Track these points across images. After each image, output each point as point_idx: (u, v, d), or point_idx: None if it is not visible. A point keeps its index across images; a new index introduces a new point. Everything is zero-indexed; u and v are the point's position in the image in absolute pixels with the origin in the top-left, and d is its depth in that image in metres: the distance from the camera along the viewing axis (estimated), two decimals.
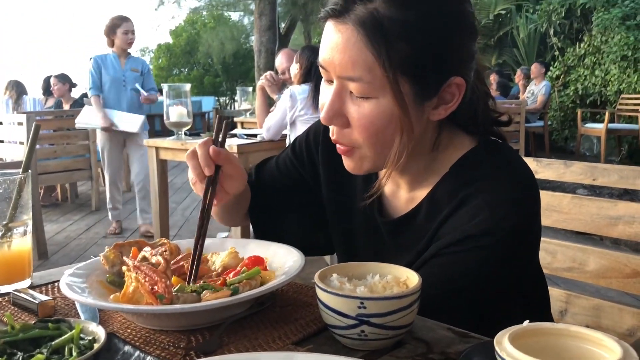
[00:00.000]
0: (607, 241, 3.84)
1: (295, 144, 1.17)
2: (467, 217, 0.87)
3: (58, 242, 4.86)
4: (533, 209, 0.91)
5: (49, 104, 7.38)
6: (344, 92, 0.86)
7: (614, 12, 8.93)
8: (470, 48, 0.89)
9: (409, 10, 0.80)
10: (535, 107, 8.76)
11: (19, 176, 0.96)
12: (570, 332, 0.57)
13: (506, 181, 0.89)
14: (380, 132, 0.85)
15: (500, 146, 0.97)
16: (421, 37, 0.81)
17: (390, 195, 1.02)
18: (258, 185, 1.16)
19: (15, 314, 0.86)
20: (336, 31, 0.83)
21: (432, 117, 0.89)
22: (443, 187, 0.93)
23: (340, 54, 0.83)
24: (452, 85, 0.86)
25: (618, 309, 1.23)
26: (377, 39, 0.80)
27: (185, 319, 0.77)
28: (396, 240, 0.99)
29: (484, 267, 0.86)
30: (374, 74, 0.82)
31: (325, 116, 0.88)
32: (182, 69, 22.64)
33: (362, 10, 0.81)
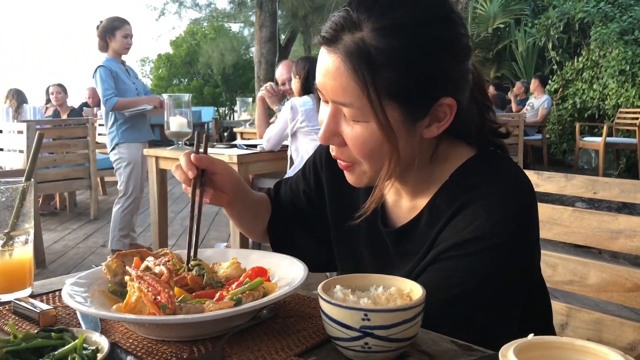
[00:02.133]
0: (606, 254, 3.84)
1: (305, 167, 1.22)
2: (464, 222, 0.88)
3: (56, 250, 4.84)
4: (530, 216, 0.91)
5: (48, 113, 7.40)
6: (338, 114, 0.90)
7: (612, 27, 9.00)
8: (461, 67, 0.90)
9: (395, 38, 0.83)
10: (537, 120, 8.79)
11: (21, 184, 0.96)
12: (575, 346, 0.57)
13: (504, 188, 0.90)
14: (373, 151, 0.89)
15: (499, 156, 0.98)
16: (407, 64, 0.83)
17: (392, 205, 1.04)
18: (276, 203, 1.22)
19: (16, 323, 0.85)
20: (327, 58, 0.87)
21: (425, 135, 0.91)
22: (443, 194, 0.94)
23: (331, 80, 0.87)
24: (444, 106, 0.88)
25: (619, 323, 1.23)
26: (362, 69, 0.83)
27: (188, 329, 0.77)
28: (400, 249, 1.00)
29: (483, 271, 0.87)
30: (362, 101, 0.85)
31: (323, 136, 0.92)
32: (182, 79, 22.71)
33: (349, 40, 0.84)
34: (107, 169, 6.42)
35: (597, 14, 9.40)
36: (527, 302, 0.97)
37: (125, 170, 4.25)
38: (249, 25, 18.33)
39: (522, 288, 0.93)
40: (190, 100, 3.72)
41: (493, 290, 0.88)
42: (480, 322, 0.87)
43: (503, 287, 0.88)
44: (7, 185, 0.96)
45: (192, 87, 21.21)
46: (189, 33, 22.54)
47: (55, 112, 7.33)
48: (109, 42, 4.19)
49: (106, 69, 4.12)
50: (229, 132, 12.93)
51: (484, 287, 0.87)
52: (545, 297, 1.07)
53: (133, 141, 4.24)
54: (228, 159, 3.34)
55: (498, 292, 0.88)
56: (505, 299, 0.89)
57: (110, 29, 4.18)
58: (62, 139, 5.54)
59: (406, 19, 0.83)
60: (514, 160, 0.99)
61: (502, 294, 0.89)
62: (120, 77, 4.21)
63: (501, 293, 0.89)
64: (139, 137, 4.29)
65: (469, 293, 0.87)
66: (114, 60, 4.21)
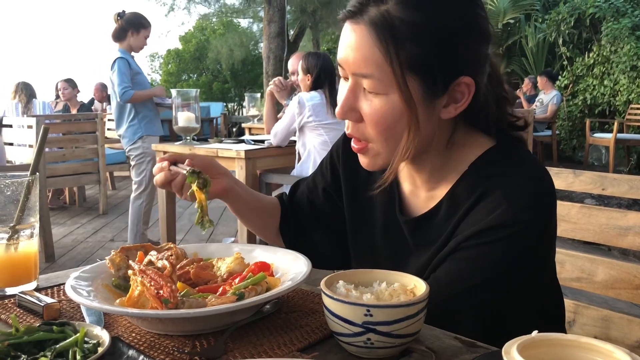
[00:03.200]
0: (615, 251, 3.81)
1: (322, 163, 1.23)
2: (485, 211, 0.88)
3: (65, 245, 4.87)
4: (549, 206, 0.92)
5: (58, 108, 7.44)
6: (357, 89, 0.91)
7: (623, 22, 8.91)
8: (481, 50, 0.91)
9: (419, 11, 0.84)
10: (546, 116, 8.73)
11: (27, 178, 0.96)
12: (580, 344, 0.56)
13: (525, 177, 0.90)
14: (391, 127, 0.89)
15: (519, 147, 0.99)
16: (429, 37, 0.85)
17: (409, 195, 1.04)
18: (290, 204, 1.23)
19: (20, 316, 0.86)
20: (351, 31, 0.88)
21: (443, 115, 0.91)
22: (463, 184, 0.95)
23: (354, 52, 0.88)
24: (462, 85, 0.89)
25: (627, 320, 1.22)
26: (386, 39, 0.84)
27: (190, 323, 0.77)
28: (417, 239, 1.00)
29: (504, 260, 0.87)
30: (384, 72, 0.86)
31: (340, 111, 0.92)
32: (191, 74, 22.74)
33: (374, 12, 0.85)
34: (116, 164, 6.46)
35: (608, 9, 9.31)
36: (543, 299, 0.96)
37: (149, 164, 4.20)
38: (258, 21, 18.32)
39: (539, 282, 0.92)
40: (198, 96, 3.72)
41: (512, 280, 0.88)
42: (497, 314, 0.88)
43: (522, 277, 0.89)
44: (13, 179, 0.96)
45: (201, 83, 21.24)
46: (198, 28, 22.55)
47: (65, 107, 7.37)
48: (130, 36, 4.12)
49: (125, 62, 4.08)
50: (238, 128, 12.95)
51: (505, 275, 0.87)
52: (559, 297, 1.07)
53: (155, 134, 4.22)
54: (236, 154, 3.34)
55: (517, 282, 0.88)
56: (523, 290, 0.89)
57: (136, 25, 4.13)
58: (72, 134, 5.57)
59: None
60: (530, 152, 0.98)
61: (521, 285, 0.89)
62: (138, 71, 4.19)
63: (520, 283, 0.89)
64: (158, 130, 4.29)
65: (490, 281, 0.87)
66: (128, 53, 4.16)
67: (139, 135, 4.17)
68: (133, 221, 4.26)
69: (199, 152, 3.55)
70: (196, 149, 3.55)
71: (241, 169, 3.36)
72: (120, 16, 4.14)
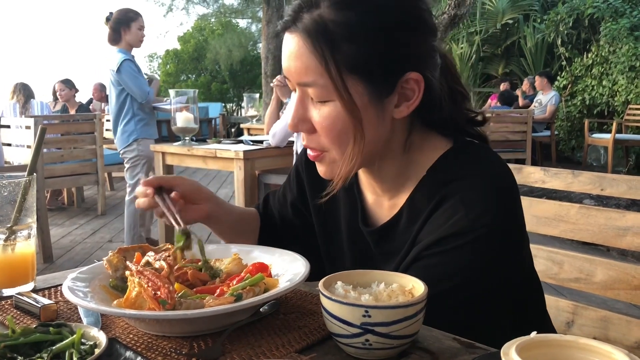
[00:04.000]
0: (614, 252, 3.81)
1: (289, 177, 1.22)
2: (443, 218, 0.87)
3: (63, 245, 4.87)
4: (511, 204, 0.90)
5: (56, 108, 7.44)
6: (305, 99, 0.90)
7: (622, 23, 8.92)
8: (425, 44, 0.89)
9: (351, 11, 0.84)
10: (544, 117, 8.74)
11: (24, 179, 0.96)
12: (579, 345, 0.56)
13: (481, 179, 0.89)
14: (342, 133, 0.88)
15: (477, 146, 0.97)
16: (365, 36, 0.84)
17: (372, 205, 1.03)
18: (265, 215, 1.22)
19: (17, 318, 0.85)
20: (289, 41, 0.88)
21: (395, 115, 0.90)
22: (421, 190, 0.93)
23: (294, 61, 0.87)
24: (410, 81, 0.87)
25: (626, 321, 1.22)
26: (320, 44, 0.84)
27: (188, 325, 0.77)
28: (382, 248, 1.00)
29: (466, 266, 0.86)
30: (325, 78, 0.85)
31: (292, 122, 0.92)
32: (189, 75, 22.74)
33: (307, 18, 0.85)
34: (114, 165, 6.45)
35: (607, 9, 9.32)
36: (520, 292, 0.95)
37: (143, 167, 4.18)
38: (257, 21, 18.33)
39: (512, 279, 0.91)
40: (196, 96, 3.72)
41: (479, 284, 0.87)
42: (470, 317, 0.86)
43: (490, 280, 0.87)
44: (10, 179, 0.96)
45: (199, 83, 21.24)
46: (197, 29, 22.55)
47: (63, 107, 7.36)
48: (124, 34, 4.04)
49: (132, 63, 4.03)
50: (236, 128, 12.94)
51: (468, 282, 0.86)
52: (537, 287, 1.06)
53: (150, 137, 4.20)
54: (234, 154, 3.34)
55: (484, 285, 0.87)
56: (494, 291, 0.88)
57: (125, 21, 4.03)
58: (70, 135, 5.56)
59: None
60: (492, 150, 0.97)
61: (490, 287, 0.88)
62: (141, 71, 4.16)
63: (488, 286, 0.87)
64: (154, 133, 4.27)
65: (454, 289, 0.85)
66: (129, 53, 4.10)
67: (133, 137, 4.14)
68: (129, 224, 4.25)
69: (198, 152, 3.54)
70: (195, 150, 3.55)
71: (240, 170, 3.36)
72: (108, 19, 4.09)
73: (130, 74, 3.99)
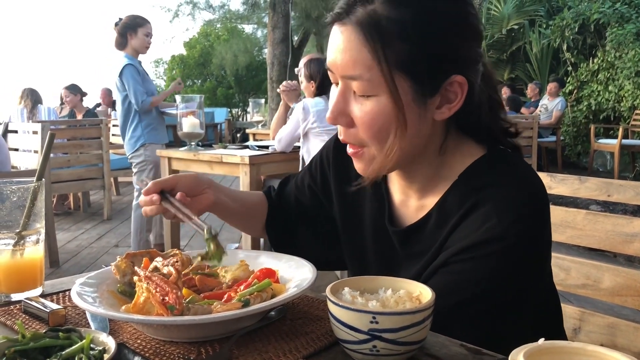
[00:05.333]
0: (621, 258, 3.79)
1: (312, 163, 1.21)
2: (475, 225, 0.87)
3: (70, 250, 4.88)
4: (542, 218, 0.90)
5: (63, 113, 7.47)
6: (347, 92, 0.90)
7: (628, 28, 8.90)
8: (473, 49, 0.90)
9: (406, 9, 0.84)
10: (550, 122, 8.72)
11: (33, 184, 0.97)
12: (586, 352, 0.56)
13: (515, 188, 0.88)
14: (383, 129, 0.88)
15: (510, 155, 0.97)
16: (418, 35, 0.84)
17: (400, 205, 1.03)
18: (278, 200, 1.22)
19: (26, 322, 0.86)
20: (339, 33, 0.88)
21: (436, 116, 0.90)
22: (452, 194, 0.93)
23: (342, 54, 0.87)
24: (454, 84, 0.88)
25: (633, 328, 1.21)
26: (373, 38, 0.84)
27: (196, 330, 0.77)
28: (407, 250, 0.99)
29: (494, 274, 0.85)
30: (373, 72, 0.85)
31: (331, 115, 0.91)
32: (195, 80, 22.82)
33: (361, 12, 0.85)
34: (120, 170, 6.47)
35: (613, 14, 9.31)
36: (539, 305, 0.95)
37: (150, 172, 4.18)
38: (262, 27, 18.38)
39: (534, 291, 0.91)
40: (202, 101, 3.74)
41: (504, 294, 0.86)
42: (491, 326, 0.86)
43: (514, 290, 0.87)
44: (19, 185, 0.96)
45: (205, 89, 21.32)
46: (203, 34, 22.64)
47: (71, 112, 7.39)
48: (130, 39, 4.10)
49: (135, 68, 4.06)
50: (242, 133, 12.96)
51: (495, 290, 0.86)
52: (556, 301, 1.05)
53: (158, 142, 4.21)
54: (240, 159, 3.35)
55: (509, 295, 0.87)
56: (517, 302, 0.88)
57: (132, 26, 4.09)
58: (76, 140, 5.59)
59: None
60: (525, 161, 0.97)
61: (514, 297, 0.88)
62: (146, 76, 4.18)
63: (512, 296, 0.87)
64: (162, 138, 4.28)
65: (480, 296, 0.85)
66: (135, 59, 4.14)
67: (141, 142, 4.17)
68: (136, 229, 4.26)
69: (203, 157, 3.55)
70: (200, 155, 3.56)
71: (245, 175, 3.37)
72: (116, 24, 4.13)
73: (130, 80, 4.02)
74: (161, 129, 4.28)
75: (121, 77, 4.05)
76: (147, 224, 4.26)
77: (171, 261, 0.87)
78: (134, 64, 4.08)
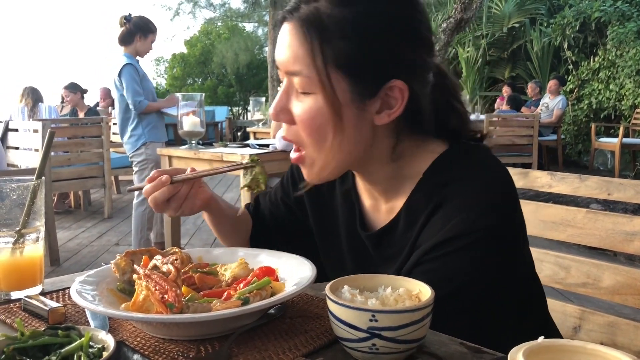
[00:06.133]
0: (621, 257, 3.79)
1: (283, 177, 1.23)
2: (442, 222, 0.87)
3: (70, 249, 4.88)
4: (509, 209, 0.90)
5: (64, 112, 7.47)
6: (290, 89, 0.91)
7: (629, 27, 8.89)
8: (418, 56, 0.90)
9: (348, 8, 0.85)
10: (551, 121, 8.72)
11: (32, 182, 0.97)
12: (586, 350, 0.56)
13: (478, 182, 0.89)
14: (321, 129, 0.88)
15: (473, 147, 0.97)
16: (357, 35, 0.85)
17: (371, 209, 1.03)
18: (256, 215, 1.23)
19: (25, 320, 0.86)
20: (285, 29, 0.90)
21: (376, 121, 0.90)
22: (418, 194, 0.93)
23: (285, 50, 0.89)
24: (395, 89, 0.88)
25: (634, 327, 1.21)
26: (312, 35, 0.85)
27: (195, 328, 0.77)
28: (381, 253, 1.00)
29: (465, 270, 0.86)
30: (311, 69, 0.86)
31: (273, 112, 0.93)
32: (196, 78, 22.79)
33: (304, 9, 0.87)
34: (121, 168, 6.47)
35: (614, 13, 9.30)
36: (520, 295, 0.95)
37: (151, 170, 4.16)
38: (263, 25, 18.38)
39: (512, 281, 0.91)
40: (203, 100, 3.73)
41: (479, 287, 0.87)
42: (472, 320, 0.86)
43: (489, 283, 0.87)
44: (18, 183, 0.96)
45: (206, 87, 21.29)
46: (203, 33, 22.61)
47: (72, 111, 7.40)
48: (137, 40, 4.10)
49: (134, 68, 4.06)
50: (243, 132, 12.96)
51: (468, 285, 0.86)
52: (539, 291, 1.05)
53: (158, 140, 4.21)
54: (240, 158, 3.35)
55: (484, 288, 0.87)
56: (494, 294, 0.88)
57: (144, 30, 4.12)
58: (77, 138, 5.59)
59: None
60: (489, 151, 0.97)
61: (490, 290, 0.88)
62: (145, 77, 4.19)
63: (488, 289, 0.87)
64: (163, 137, 4.29)
65: (454, 293, 0.85)
66: (134, 58, 4.14)
67: (142, 141, 4.17)
68: (137, 227, 4.26)
69: (204, 156, 3.55)
70: (201, 153, 3.56)
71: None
72: (127, 19, 4.12)
73: (128, 79, 4.01)
74: (161, 127, 4.28)
75: (120, 76, 4.06)
76: (148, 223, 4.27)
77: (170, 259, 0.87)
78: (133, 64, 4.08)
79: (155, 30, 4.20)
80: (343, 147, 0.89)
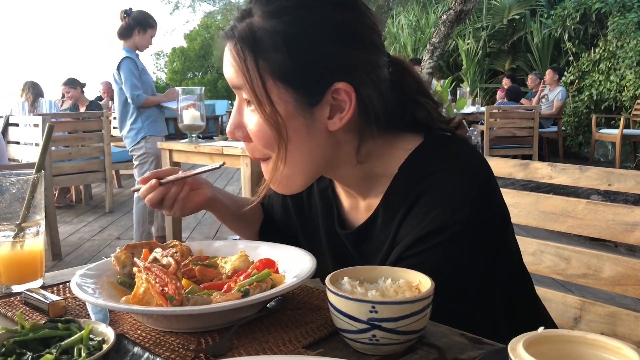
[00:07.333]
0: (622, 247, 3.79)
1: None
2: (420, 216, 0.87)
3: (72, 243, 4.89)
4: (488, 196, 0.90)
5: (65, 106, 7.47)
6: (242, 105, 0.92)
7: (629, 17, 8.85)
8: (361, 56, 0.88)
9: (278, 19, 0.85)
10: (551, 112, 8.70)
11: (32, 176, 0.97)
12: (586, 340, 0.56)
13: (455, 174, 0.88)
14: (272, 141, 0.88)
15: (449, 139, 0.96)
16: (290, 45, 0.85)
17: (350, 208, 1.04)
18: (266, 210, 1.24)
19: (26, 314, 0.86)
20: (226, 48, 0.90)
21: (330, 127, 0.89)
22: (395, 189, 0.93)
23: (228, 67, 0.90)
24: (341, 92, 0.87)
25: (634, 317, 1.21)
26: (246, 50, 0.86)
27: (195, 320, 0.77)
28: (360, 250, 1.00)
29: (447, 263, 0.85)
30: (248, 84, 0.86)
31: (229, 129, 0.94)
32: (196, 72, 22.76)
33: (239, 27, 0.88)
34: (122, 162, 6.47)
35: (614, 4, 9.26)
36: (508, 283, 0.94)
37: (152, 164, 4.18)
38: None
39: (497, 270, 0.91)
40: (203, 93, 3.72)
41: (464, 278, 0.86)
42: (460, 312, 0.86)
43: (474, 273, 0.87)
44: (18, 177, 0.96)
45: (206, 81, 21.25)
46: (203, 26, 22.56)
47: (74, 105, 7.39)
48: (137, 34, 4.11)
49: (132, 62, 4.06)
50: None
51: (451, 278, 0.85)
52: (526, 277, 1.05)
53: (158, 134, 4.21)
54: (241, 151, 3.34)
55: (471, 278, 0.87)
56: (480, 283, 0.88)
57: (144, 24, 4.12)
58: (78, 132, 5.58)
59: (290, 1, 0.86)
60: (466, 141, 0.96)
61: (476, 280, 0.87)
62: (144, 71, 4.19)
63: (474, 279, 0.87)
64: (162, 130, 4.28)
65: (441, 285, 0.85)
66: (133, 52, 4.14)
67: (141, 135, 4.17)
68: (138, 221, 4.26)
69: (204, 150, 3.55)
70: (201, 147, 3.56)
71: (246, 167, 3.36)
72: (127, 13, 4.12)
73: (126, 73, 4.02)
74: (161, 121, 4.28)
75: (119, 70, 4.06)
76: (149, 216, 4.27)
77: (170, 252, 0.87)
78: (132, 58, 4.07)
79: (155, 25, 4.19)
80: (300, 157, 0.89)
